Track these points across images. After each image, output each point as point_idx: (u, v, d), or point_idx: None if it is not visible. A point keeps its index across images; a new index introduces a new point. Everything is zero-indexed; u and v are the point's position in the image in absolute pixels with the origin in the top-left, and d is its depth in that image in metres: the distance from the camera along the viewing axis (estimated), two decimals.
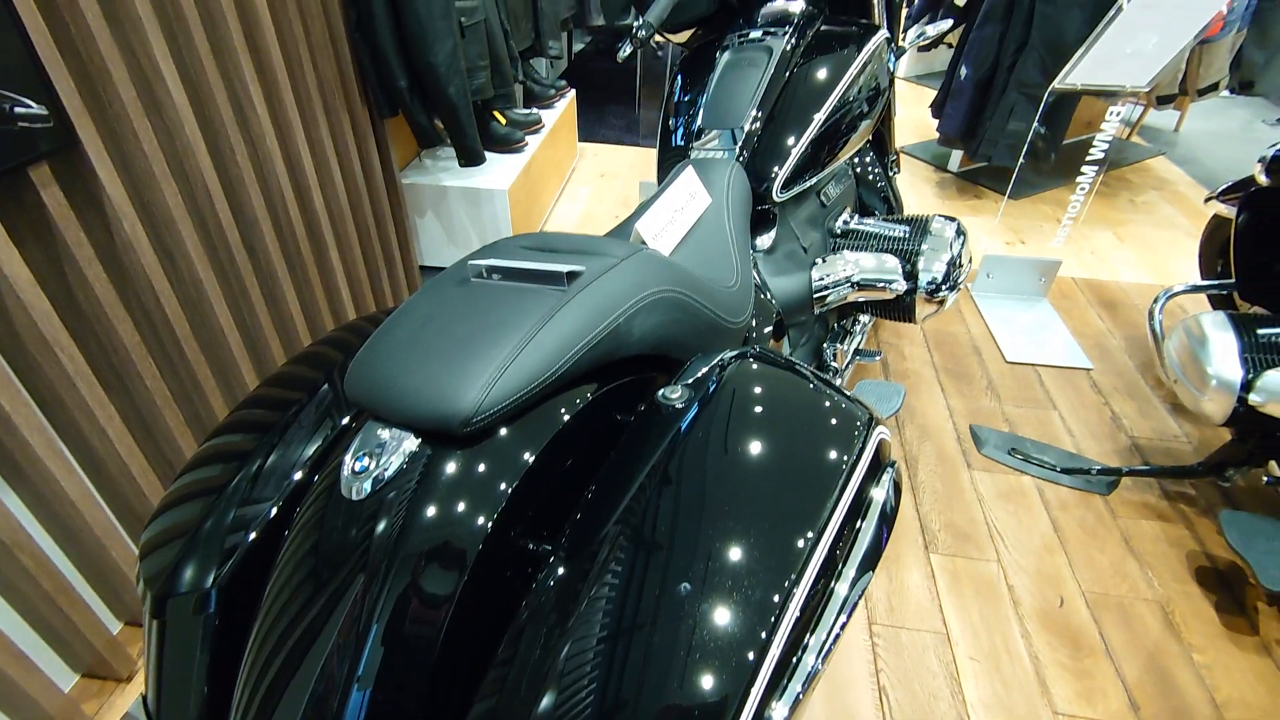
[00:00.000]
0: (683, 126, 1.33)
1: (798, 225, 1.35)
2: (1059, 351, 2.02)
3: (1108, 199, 2.91)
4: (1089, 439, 1.73)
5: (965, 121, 2.76)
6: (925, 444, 1.71)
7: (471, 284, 0.72)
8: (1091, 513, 1.53)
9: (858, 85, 1.29)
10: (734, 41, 1.33)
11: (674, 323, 0.80)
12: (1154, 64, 1.69)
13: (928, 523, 1.51)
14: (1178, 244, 2.59)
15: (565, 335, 0.66)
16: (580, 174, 3.04)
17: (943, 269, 1.33)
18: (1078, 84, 1.80)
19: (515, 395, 0.61)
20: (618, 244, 0.80)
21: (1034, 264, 2.21)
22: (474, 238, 2.18)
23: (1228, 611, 1.33)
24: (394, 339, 0.65)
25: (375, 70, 1.69)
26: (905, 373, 1.94)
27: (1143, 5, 1.57)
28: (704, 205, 1.07)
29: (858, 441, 0.67)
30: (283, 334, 1.52)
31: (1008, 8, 2.51)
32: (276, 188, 1.44)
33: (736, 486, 0.61)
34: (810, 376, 0.75)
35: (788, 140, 1.22)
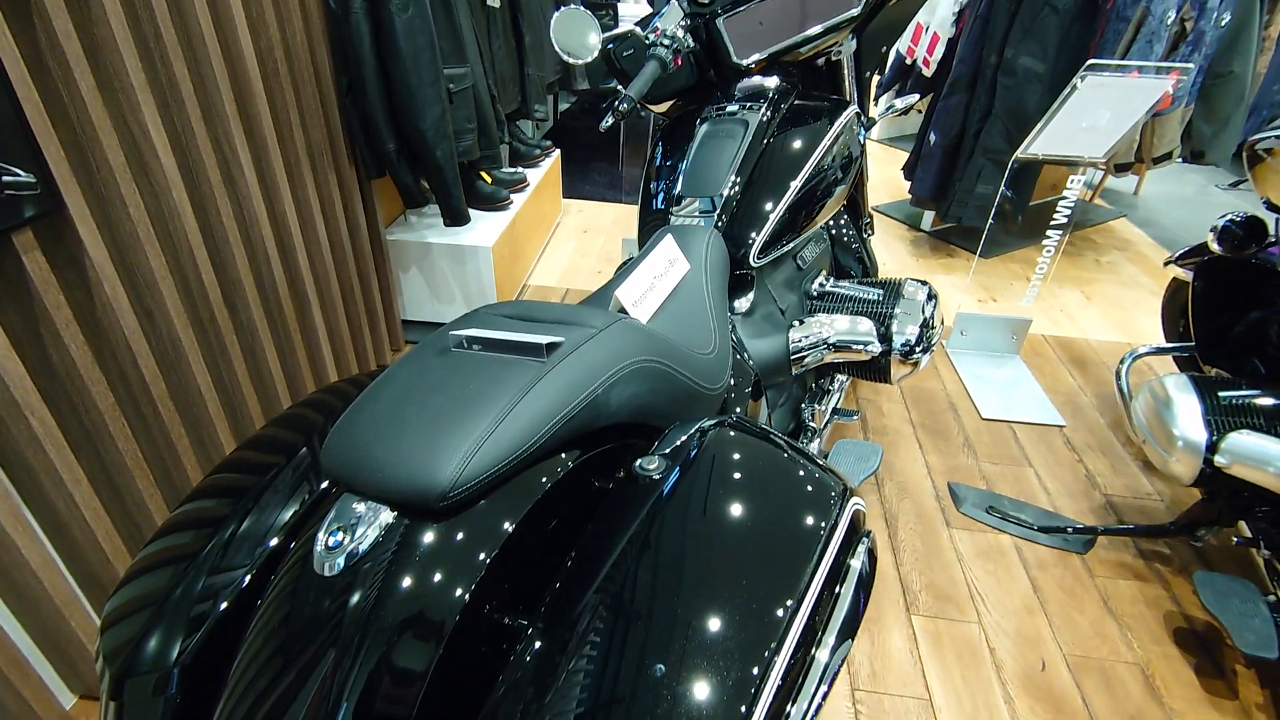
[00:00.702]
0: (663, 191, 1.37)
1: (775, 288, 1.39)
2: (1032, 408, 2.06)
3: (1074, 258, 3.01)
4: (1064, 496, 1.75)
5: (935, 184, 2.87)
6: (905, 501, 1.72)
7: (451, 354, 0.73)
8: (1070, 572, 1.54)
9: (831, 154, 1.35)
10: (712, 114, 1.39)
11: (652, 392, 0.81)
12: (1109, 138, 1.78)
13: (909, 583, 1.51)
14: (1142, 303, 2.68)
15: (543, 408, 0.66)
16: (564, 230, 3.10)
17: (916, 331, 1.37)
18: (1039, 154, 1.89)
19: (493, 468, 0.61)
20: (596, 314, 0.81)
21: (1006, 322, 2.27)
22: (457, 293, 2.20)
23: (1207, 674, 1.33)
24: (372, 411, 0.65)
25: (364, 134, 1.73)
26: (884, 429, 1.97)
27: (1095, 85, 1.67)
28: (683, 271, 1.10)
29: (833, 512, 0.68)
30: (262, 393, 1.51)
31: (972, 80, 2.65)
32: (261, 247, 1.45)
33: (714, 558, 0.61)
34: (786, 446, 0.76)
35: (764, 207, 1.26)
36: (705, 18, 1.40)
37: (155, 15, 1.12)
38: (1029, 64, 2.45)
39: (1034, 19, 2.40)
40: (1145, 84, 1.68)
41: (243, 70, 1.35)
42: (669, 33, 1.31)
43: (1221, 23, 2.37)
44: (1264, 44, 2.61)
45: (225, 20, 1.29)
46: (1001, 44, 2.51)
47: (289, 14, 1.46)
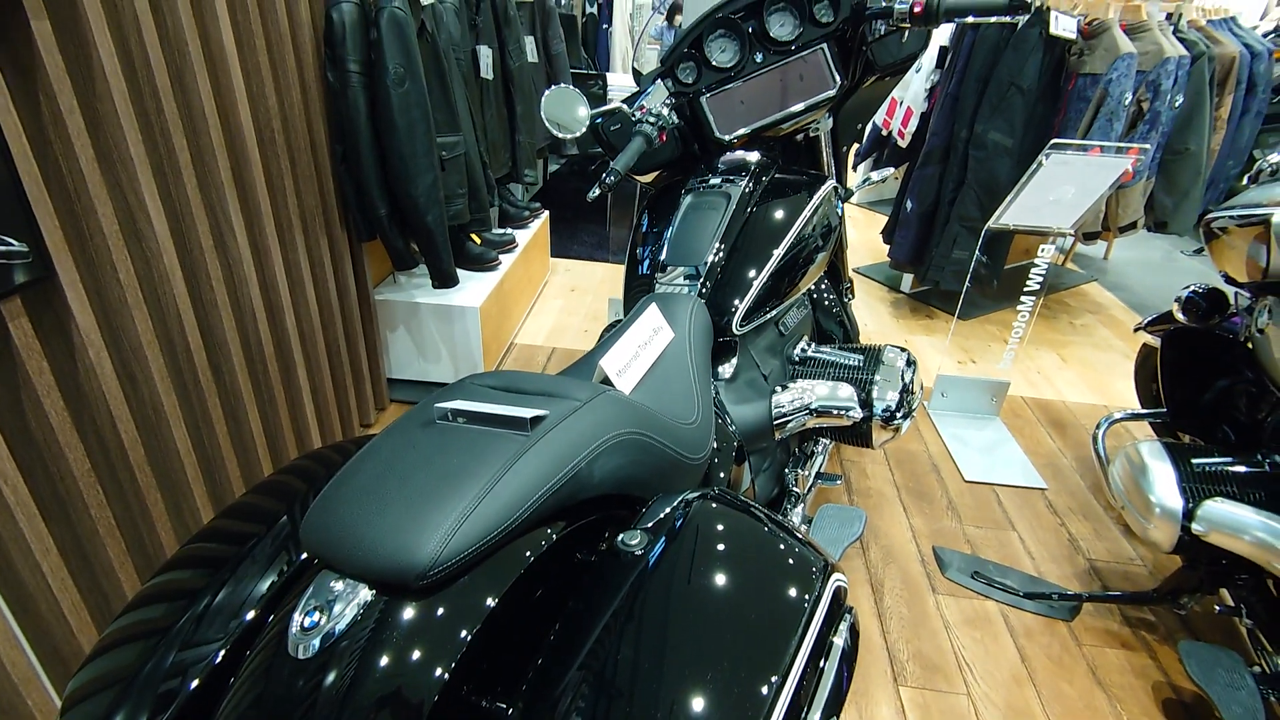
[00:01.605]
0: (649, 258, 1.40)
1: (758, 354, 1.41)
2: (1014, 471, 2.07)
3: (1049, 321, 3.09)
4: (1048, 561, 1.75)
5: (913, 249, 2.96)
6: (890, 566, 1.71)
7: (436, 426, 0.73)
8: (1057, 640, 1.52)
9: (811, 225, 1.40)
10: (696, 185, 1.44)
11: (635, 464, 0.82)
12: (1075, 210, 1.86)
13: (896, 652, 1.48)
14: (1116, 365, 2.74)
15: (527, 482, 0.67)
16: (552, 288, 3.15)
17: (896, 397, 1.39)
18: (1010, 224, 1.96)
19: (474, 545, 0.61)
20: (581, 385, 0.82)
21: (985, 384, 2.31)
22: (444, 353, 2.21)
23: None
24: (353, 485, 0.65)
25: (357, 199, 1.77)
26: (868, 491, 1.97)
27: (1059, 162, 1.76)
28: (667, 340, 1.12)
29: (815, 588, 0.68)
30: (242, 456, 1.50)
31: (945, 151, 2.77)
32: (249, 310, 1.46)
33: (697, 636, 0.61)
34: (768, 520, 0.77)
35: (747, 276, 1.30)
36: (689, 96, 1.47)
37: (158, 89, 1.16)
38: (998, 138, 2.57)
39: (1001, 98, 2.54)
40: (1106, 162, 1.77)
41: (240, 140, 1.39)
42: (655, 110, 1.37)
43: (1175, 104, 2.52)
44: (1215, 124, 2.77)
45: (226, 93, 1.34)
46: (971, 119, 2.64)
47: (288, 87, 1.52)
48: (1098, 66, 2.41)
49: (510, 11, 2.41)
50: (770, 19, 1.43)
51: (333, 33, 1.57)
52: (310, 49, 1.57)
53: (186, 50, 1.21)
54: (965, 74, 2.63)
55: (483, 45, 2.25)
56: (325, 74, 1.63)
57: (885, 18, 1.36)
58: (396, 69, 1.61)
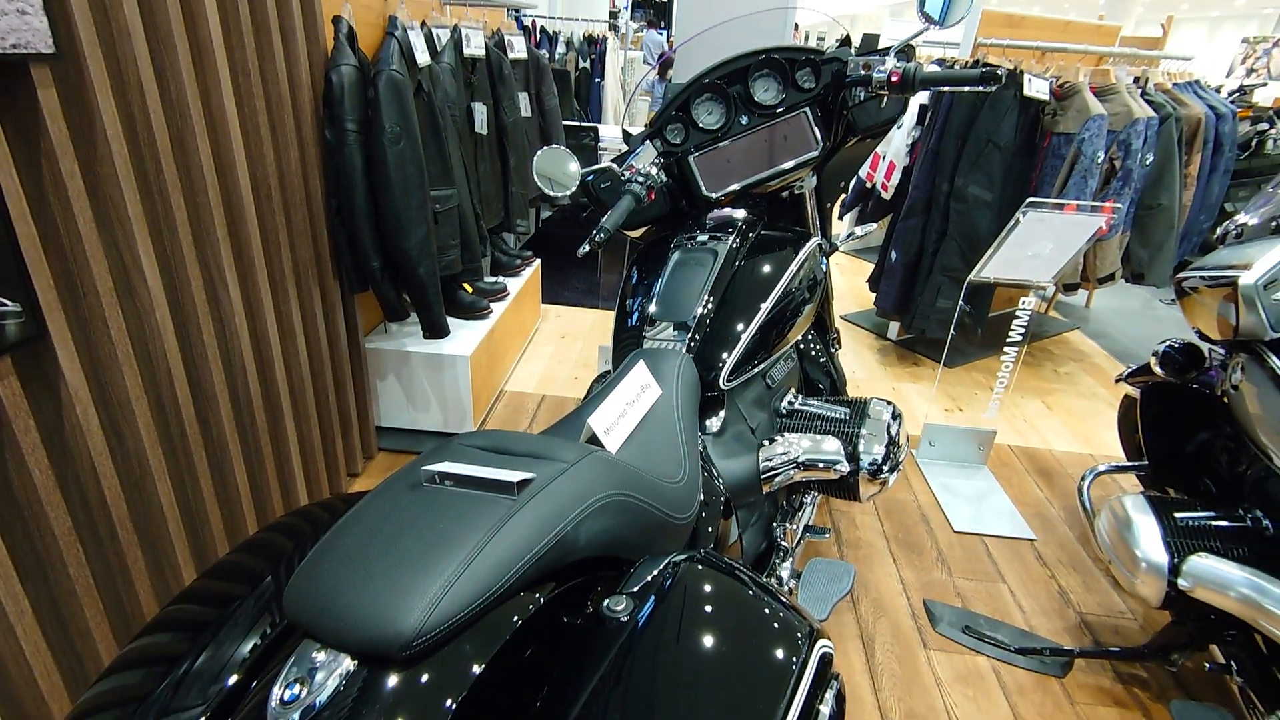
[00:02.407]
0: (638, 312, 1.43)
1: (745, 407, 1.42)
2: (1003, 522, 2.08)
3: (1033, 369, 3.14)
4: (1039, 615, 1.74)
5: (898, 298, 3.01)
6: (881, 621, 1.69)
7: (423, 490, 0.74)
8: (1050, 699, 1.51)
9: (797, 279, 1.43)
10: (684, 242, 1.47)
11: (622, 525, 0.82)
12: (1053, 265, 1.91)
13: (888, 711, 1.46)
14: (1100, 414, 2.78)
15: (513, 548, 0.67)
16: (542, 335, 3.17)
17: (882, 451, 1.40)
18: (990, 277, 2.01)
19: (459, 614, 0.61)
20: (567, 446, 0.83)
21: (972, 433, 2.33)
22: (434, 401, 2.21)
23: None
24: (337, 551, 0.65)
25: (351, 252, 1.79)
26: (857, 542, 1.96)
27: (1035, 220, 1.82)
28: (654, 397, 1.13)
29: (802, 654, 0.68)
30: (226, 511, 1.48)
31: (927, 204, 2.85)
32: (239, 363, 1.47)
33: (683, 704, 0.61)
34: (753, 583, 0.77)
35: (734, 330, 1.32)
36: (677, 155, 1.52)
37: (159, 151, 1.19)
38: (977, 192, 2.65)
39: (979, 153, 2.63)
40: (1081, 220, 1.83)
41: (237, 196, 1.41)
42: (643, 170, 1.41)
43: (1146, 162, 2.61)
44: (1186, 180, 2.87)
45: (225, 152, 1.37)
46: (952, 173, 2.73)
47: (286, 145, 1.55)
48: (1070, 126, 2.51)
49: (505, 70, 2.49)
50: (755, 84, 1.49)
51: (331, 94, 1.62)
52: (309, 109, 1.61)
53: (188, 112, 1.25)
54: (944, 131, 2.73)
55: (478, 102, 2.31)
56: (323, 132, 1.67)
57: (864, 85, 1.42)
58: (393, 128, 1.66)
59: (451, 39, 2.17)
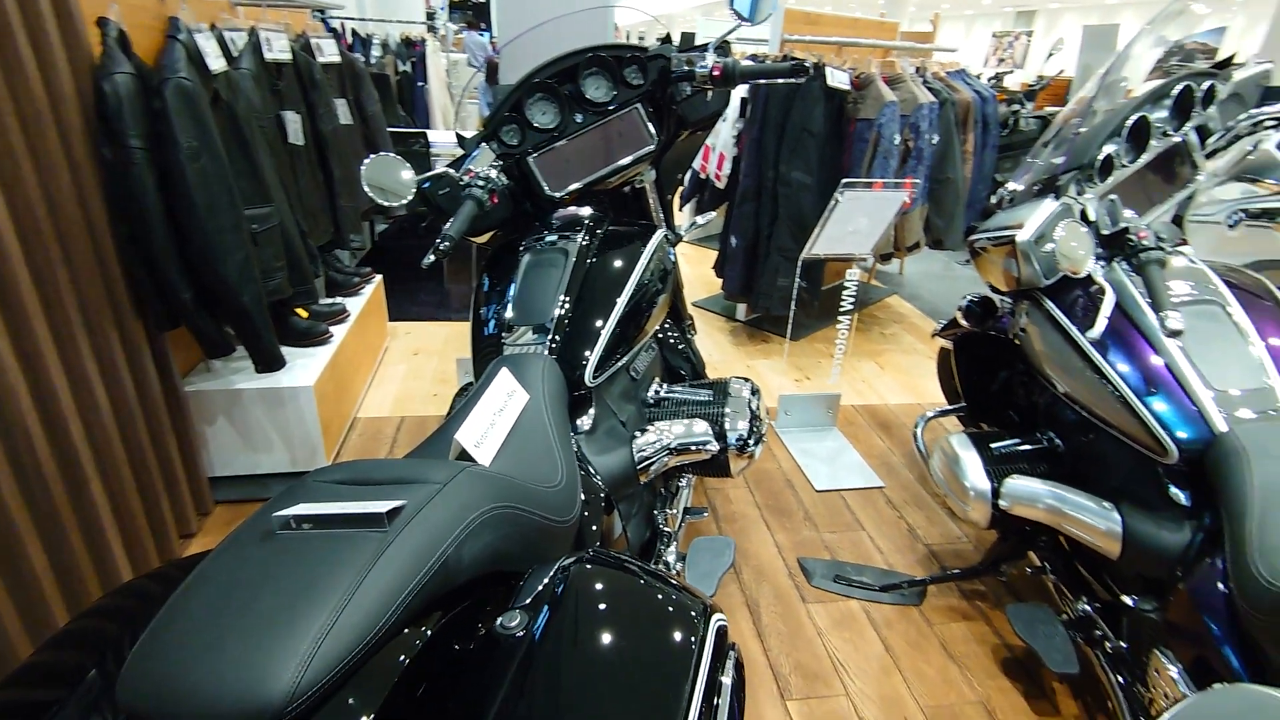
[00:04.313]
0: (494, 319, 1.39)
1: (613, 402, 1.44)
2: (855, 475, 2.27)
3: (864, 334, 3.46)
4: (895, 553, 1.93)
5: (742, 280, 3.19)
6: (763, 585, 1.79)
7: (277, 538, 0.67)
8: (913, 626, 1.67)
9: (649, 272, 1.46)
10: (533, 244, 1.45)
11: (505, 538, 0.79)
12: (869, 239, 2.12)
13: (779, 668, 1.55)
14: (922, 366, 3.12)
15: (392, 583, 0.63)
16: (393, 354, 2.99)
17: (747, 426, 1.48)
18: (820, 254, 2.19)
19: (338, 665, 0.56)
20: (436, 465, 0.79)
21: (821, 398, 2.52)
22: (276, 440, 2.01)
23: (1035, 698, 1.49)
24: (182, 623, 0.57)
25: (154, 285, 1.58)
26: (734, 516, 2.06)
27: (852, 198, 2.00)
28: (522, 403, 1.11)
29: (699, 633, 0.70)
30: (25, 608, 1.25)
31: (757, 190, 3.04)
32: (20, 426, 1.24)
33: (592, 706, 0.60)
34: (643, 573, 0.78)
35: (594, 327, 1.33)
36: (516, 157, 1.50)
37: None
38: (799, 177, 2.87)
39: (796, 141, 2.84)
40: (888, 195, 2.04)
41: None
42: (483, 174, 1.37)
43: (933, 141, 2.97)
44: (965, 156, 3.29)
45: None
46: (775, 161, 2.93)
47: (52, 167, 1.33)
48: (870, 112, 2.79)
49: (316, 75, 2.31)
50: (585, 83, 1.50)
51: (106, 106, 1.41)
52: (78, 124, 1.39)
53: None
54: (764, 121, 2.92)
55: (289, 111, 2.13)
56: (100, 151, 1.45)
57: (689, 80, 1.48)
58: (189, 143, 1.47)
59: (249, 43, 1.97)
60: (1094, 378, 1.33)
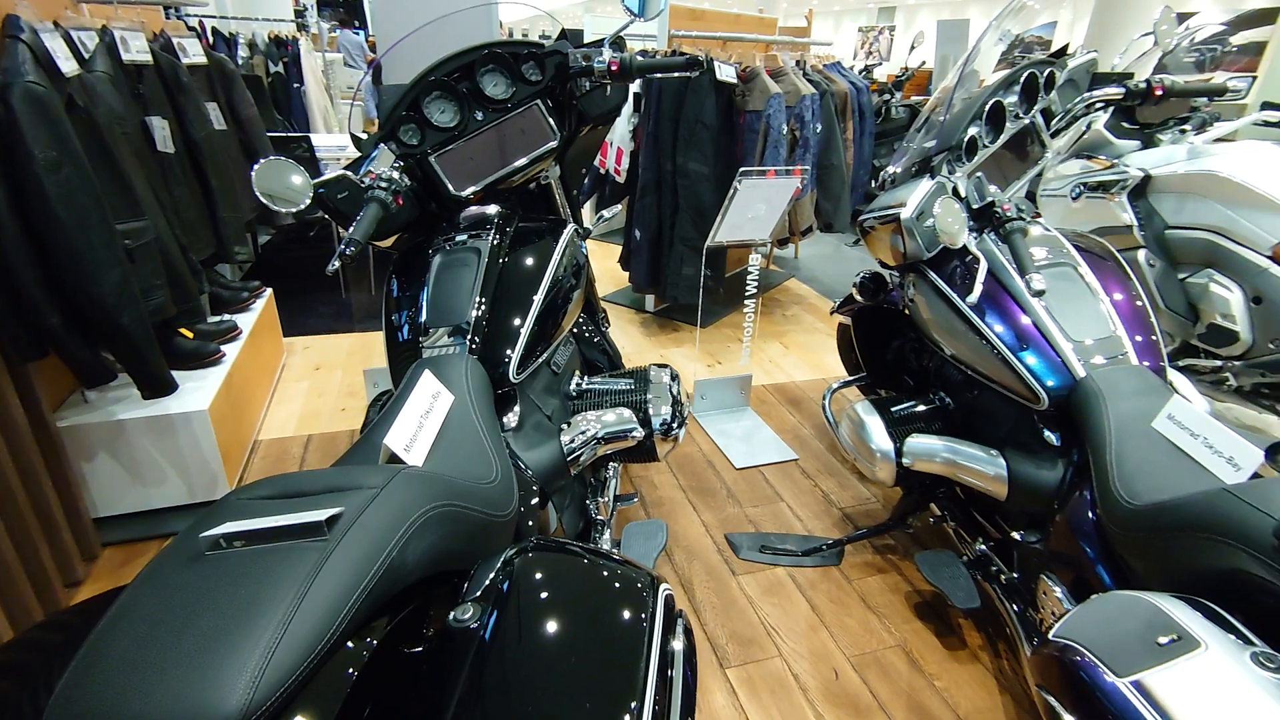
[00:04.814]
0: (408, 324, 1.36)
1: (537, 397, 1.44)
2: (771, 451, 2.38)
3: (768, 316, 3.61)
4: (813, 520, 2.05)
5: (648, 272, 3.25)
6: (695, 563, 1.85)
7: (207, 560, 0.64)
8: (834, 584, 1.79)
9: (563, 267, 1.47)
10: (442, 244, 1.43)
11: (449, 536, 0.79)
12: (768, 224, 2.23)
13: (716, 639, 1.61)
14: (825, 344, 3.31)
15: (338, 590, 0.62)
16: (292, 371, 2.84)
17: (669, 410, 1.52)
18: (722, 241, 2.27)
19: (290, 678, 0.55)
20: (369, 470, 0.78)
21: (733, 381, 2.62)
22: (170, 472, 1.86)
23: (945, 635, 1.64)
24: (109, 660, 0.54)
25: (14, 311, 1.43)
26: (662, 501, 2.11)
27: (749, 186, 2.10)
28: (448, 404, 1.10)
29: (648, 605, 0.73)
30: None
31: (657, 183, 3.11)
32: None
33: (551, 689, 0.62)
34: (588, 554, 0.80)
35: (514, 324, 1.33)
36: (417, 157, 1.46)
37: None
38: (697, 168, 2.96)
39: (691, 133, 2.93)
40: (782, 182, 2.15)
41: None
42: (385, 175, 1.34)
43: (817, 130, 3.14)
44: (846, 144, 3.50)
45: None
46: (673, 154, 3.00)
47: None
48: (757, 104, 2.91)
49: (181, 77, 2.15)
50: (483, 80, 1.49)
51: None
52: None
53: None
54: (659, 116, 2.99)
55: (154, 116, 1.97)
56: None
57: (587, 75, 1.50)
58: (46, 154, 1.34)
59: (102, 43, 1.81)
60: (974, 339, 1.47)
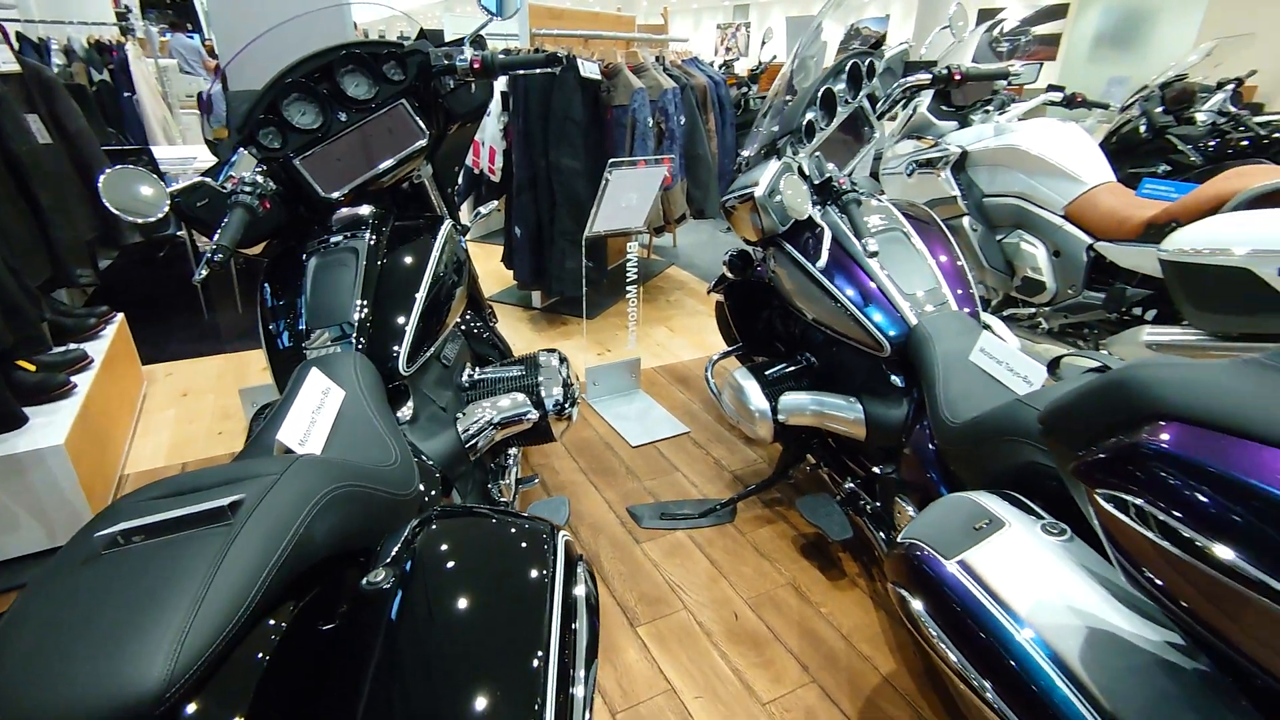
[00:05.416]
0: (287, 330, 1.35)
1: (430, 390, 1.47)
2: (664, 427, 2.51)
3: (652, 303, 3.76)
4: (707, 484, 2.19)
5: (532, 269, 3.30)
6: (600, 537, 1.94)
7: (105, 558, 0.65)
8: (729, 539, 1.94)
9: (443, 263, 1.50)
10: (317, 247, 1.42)
11: (354, 515, 0.83)
12: (641, 212, 2.35)
13: (625, 603, 1.71)
14: (707, 325, 3.49)
15: (248, 568, 0.65)
16: (156, 400, 2.64)
17: (561, 391, 1.60)
18: (601, 231, 2.37)
19: (210, 648, 0.58)
20: (267, 461, 0.80)
21: (623, 365, 2.73)
22: (22, 515, 1.71)
23: (827, 568, 1.83)
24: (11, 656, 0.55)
25: None
26: (563, 485, 2.18)
27: (620, 176, 2.20)
28: (339, 399, 1.11)
29: (549, 552, 0.80)
30: None
31: (533, 180, 3.15)
32: None
33: (463, 641, 0.66)
34: (491, 513, 0.86)
35: (399, 322, 1.35)
36: (280, 160, 1.44)
37: None
38: (570, 163, 3.03)
39: (561, 130, 3.00)
40: (651, 171, 2.28)
41: None
42: (249, 179, 1.32)
43: (681, 122, 3.30)
44: (709, 134, 3.70)
45: None
46: (545, 150, 3.06)
47: None
48: (623, 99, 3.03)
49: None
50: (344, 80, 1.49)
51: None
52: None
53: None
54: (528, 113, 3.03)
55: None
56: None
57: (451, 74, 1.54)
58: None
59: None
60: (827, 300, 1.65)
